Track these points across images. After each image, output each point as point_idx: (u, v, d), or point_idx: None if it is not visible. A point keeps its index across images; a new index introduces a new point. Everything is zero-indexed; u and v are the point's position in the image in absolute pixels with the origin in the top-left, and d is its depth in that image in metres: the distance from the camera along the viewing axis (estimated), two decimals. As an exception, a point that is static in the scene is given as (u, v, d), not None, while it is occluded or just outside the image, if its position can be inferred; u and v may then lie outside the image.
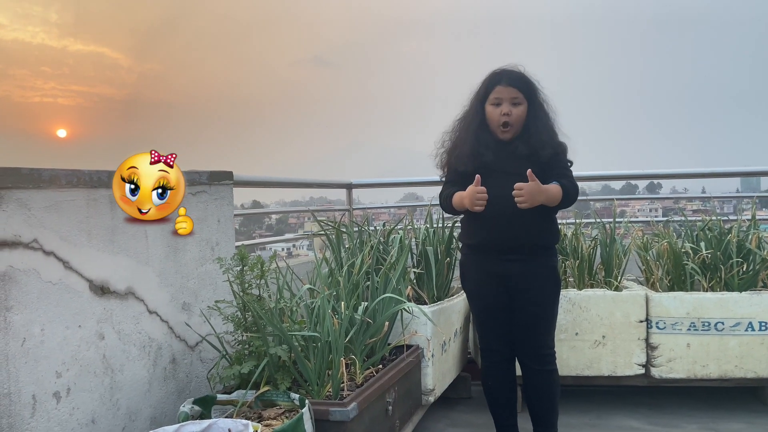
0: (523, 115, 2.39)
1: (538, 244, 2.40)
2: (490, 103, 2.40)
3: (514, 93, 2.37)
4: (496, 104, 2.39)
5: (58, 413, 1.65)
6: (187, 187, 2.20)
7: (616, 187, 6.93)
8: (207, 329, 2.22)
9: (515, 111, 2.37)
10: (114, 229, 1.87)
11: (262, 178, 3.45)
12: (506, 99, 2.37)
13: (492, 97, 2.40)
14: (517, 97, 2.38)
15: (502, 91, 2.38)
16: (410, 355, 2.57)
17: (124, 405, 1.88)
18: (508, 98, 2.37)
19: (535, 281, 2.40)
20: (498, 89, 2.39)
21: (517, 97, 2.38)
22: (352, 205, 4.47)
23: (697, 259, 3.21)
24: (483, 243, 2.43)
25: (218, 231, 2.39)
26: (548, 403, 2.49)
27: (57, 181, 1.68)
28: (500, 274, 2.40)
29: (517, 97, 2.38)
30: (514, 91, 2.37)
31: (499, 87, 2.39)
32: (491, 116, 2.40)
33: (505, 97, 2.37)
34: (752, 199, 3.76)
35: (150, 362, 2.00)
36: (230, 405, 1.94)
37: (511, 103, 2.37)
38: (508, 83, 2.38)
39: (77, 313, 1.72)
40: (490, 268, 2.42)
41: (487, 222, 2.37)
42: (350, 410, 1.89)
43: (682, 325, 3.05)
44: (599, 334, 3.10)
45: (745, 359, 3.03)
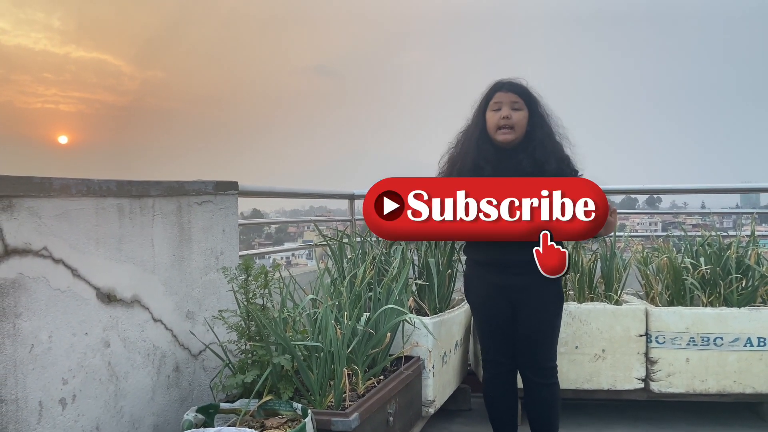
0: (523, 121, 2.39)
1: None
2: (491, 109, 2.42)
3: (514, 98, 2.39)
4: (496, 109, 2.40)
5: (63, 420, 1.67)
6: (193, 196, 2.24)
7: (616, 200, 6.97)
8: (211, 338, 2.24)
9: (515, 115, 2.38)
10: (121, 238, 1.89)
11: (266, 188, 3.48)
12: (506, 103, 2.38)
13: (492, 103, 2.41)
14: (518, 102, 2.39)
15: (502, 96, 2.40)
16: (411, 367, 2.58)
17: (127, 412, 1.90)
18: (507, 102, 2.38)
19: (539, 295, 2.41)
20: (498, 95, 2.41)
21: (518, 102, 2.39)
22: (355, 216, 4.50)
23: (696, 275, 3.23)
24: (488, 258, 2.44)
25: (223, 240, 2.41)
26: (549, 417, 2.49)
27: (67, 190, 1.71)
28: (505, 287, 2.41)
29: (517, 102, 2.39)
30: (514, 96, 2.39)
31: (499, 93, 2.41)
32: (491, 121, 2.40)
33: (504, 101, 2.39)
34: (752, 215, 3.78)
35: (154, 370, 2.02)
36: (233, 414, 1.95)
37: (511, 108, 2.38)
38: (508, 89, 2.40)
39: (84, 321, 1.74)
40: (495, 281, 2.43)
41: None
42: (352, 420, 1.91)
43: (682, 339, 3.07)
44: (599, 348, 3.11)
45: (744, 375, 3.05)
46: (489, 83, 2.48)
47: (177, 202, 2.16)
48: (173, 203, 2.13)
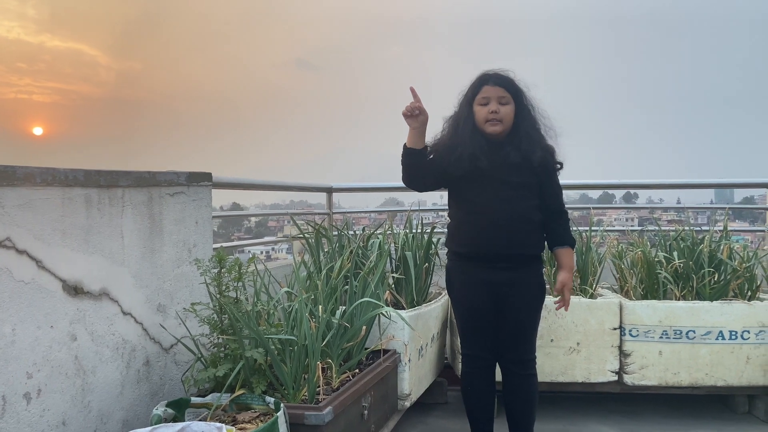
0: (511, 114, 2.40)
1: (526, 253, 2.42)
2: (478, 103, 2.41)
3: (502, 92, 2.39)
4: (483, 104, 2.40)
5: (28, 415, 1.62)
6: (165, 187, 2.19)
7: (594, 196, 7.03)
8: (182, 331, 2.21)
9: (503, 109, 2.38)
10: (89, 229, 1.85)
11: (242, 180, 3.44)
12: (493, 98, 2.39)
13: (479, 97, 2.41)
14: (505, 97, 2.39)
15: (490, 91, 2.40)
16: (387, 360, 2.57)
17: (95, 407, 1.86)
18: (495, 97, 2.39)
19: (523, 289, 2.42)
20: (485, 89, 2.41)
21: (505, 96, 2.40)
22: (332, 209, 4.47)
23: (670, 268, 3.27)
24: (473, 251, 2.43)
25: (196, 232, 2.37)
26: (527, 409, 2.51)
27: (31, 178, 1.66)
28: (488, 280, 2.40)
29: (504, 96, 2.39)
30: (502, 90, 2.40)
31: (486, 87, 2.41)
32: (479, 115, 2.41)
33: (492, 96, 2.39)
34: (725, 210, 3.84)
35: (123, 364, 1.98)
36: (204, 408, 1.92)
37: (498, 102, 2.39)
38: (495, 83, 2.41)
39: (49, 314, 1.70)
40: (478, 275, 2.42)
41: (478, 230, 2.39)
42: (325, 414, 1.89)
43: (655, 333, 3.11)
44: (574, 341, 3.14)
45: (716, 367, 3.09)
46: (476, 75, 2.47)
47: (148, 192, 2.11)
48: (144, 194, 2.09)
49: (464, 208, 2.44)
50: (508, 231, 2.35)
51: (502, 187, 2.36)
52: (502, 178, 2.37)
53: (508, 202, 2.37)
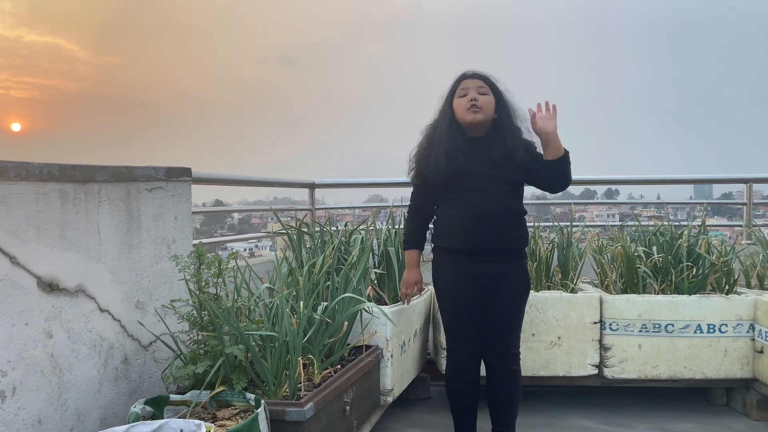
0: (491, 104, 2.41)
1: (511, 247, 2.44)
2: (458, 96, 2.43)
3: (480, 83, 2.42)
4: (463, 95, 2.42)
5: (3, 413, 1.59)
6: (143, 182, 2.16)
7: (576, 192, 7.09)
8: (161, 328, 2.18)
9: (482, 98, 2.40)
10: (64, 225, 1.81)
11: (222, 175, 3.41)
12: (472, 88, 2.41)
13: (459, 90, 2.44)
14: (483, 87, 2.42)
15: (468, 83, 2.43)
16: (369, 356, 2.57)
17: (72, 405, 1.83)
18: (474, 87, 2.41)
19: (509, 282, 2.43)
20: (464, 82, 2.44)
21: (483, 87, 2.42)
22: (315, 206, 4.45)
23: (649, 263, 3.31)
24: (462, 245, 2.43)
25: (175, 228, 2.34)
26: (511, 403, 2.52)
27: (5, 173, 1.62)
28: (474, 274, 2.41)
29: (483, 87, 2.42)
30: (480, 82, 2.42)
31: (465, 81, 2.44)
32: (458, 106, 2.42)
33: (471, 86, 2.42)
34: (703, 206, 3.89)
35: (100, 362, 1.95)
36: (184, 405, 1.90)
37: (477, 92, 2.40)
38: (473, 77, 2.44)
39: (24, 311, 1.66)
40: (465, 269, 2.43)
41: (463, 225, 2.40)
42: (307, 410, 1.88)
43: (634, 326, 3.14)
44: (555, 335, 3.16)
45: (694, 360, 3.13)
46: (455, 75, 2.50)
47: (125, 188, 2.08)
48: (121, 189, 2.06)
49: (451, 205, 2.45)
50: (495, 225, 2.37)
51: (487, 182, 2.37)
52: (486, 173, 2.38)
53: (494, 196, 2.38)
